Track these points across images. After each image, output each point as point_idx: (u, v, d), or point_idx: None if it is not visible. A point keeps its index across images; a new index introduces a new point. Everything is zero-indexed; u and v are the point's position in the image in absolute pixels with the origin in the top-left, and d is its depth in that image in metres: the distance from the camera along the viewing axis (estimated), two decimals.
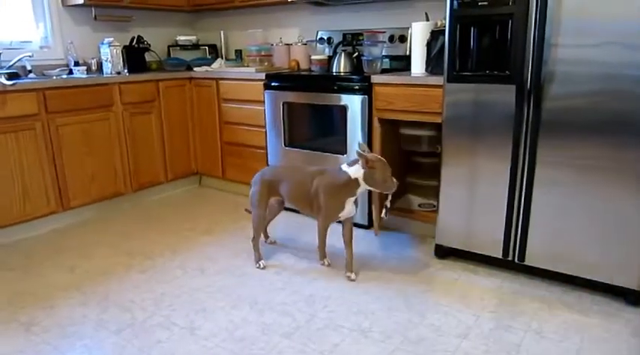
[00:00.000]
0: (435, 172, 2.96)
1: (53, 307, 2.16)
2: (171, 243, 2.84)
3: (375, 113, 2.81)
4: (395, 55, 3.21)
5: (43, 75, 3.31)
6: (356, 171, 2.21)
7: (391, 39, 3.20)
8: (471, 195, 2.38)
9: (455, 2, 2.16)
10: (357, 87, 2.83)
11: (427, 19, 2.79)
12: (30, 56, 3.24)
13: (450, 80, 2.30)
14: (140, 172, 3.51)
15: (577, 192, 2.08)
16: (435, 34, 2.60)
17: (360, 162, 2.19)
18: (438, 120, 2.51)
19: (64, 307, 2.16)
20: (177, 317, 2.06)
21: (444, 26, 2.26)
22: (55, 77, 3.18)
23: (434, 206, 2.85)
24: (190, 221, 3.21)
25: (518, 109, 2.14)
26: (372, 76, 2.78)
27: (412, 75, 2.70)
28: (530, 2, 2.00)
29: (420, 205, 2.95)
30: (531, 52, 2.05)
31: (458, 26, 2.19)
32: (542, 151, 2.13)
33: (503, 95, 2.17)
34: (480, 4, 2.09)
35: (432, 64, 2.66)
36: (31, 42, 3.46)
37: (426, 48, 2.69)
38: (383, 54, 3.08)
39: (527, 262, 2.29)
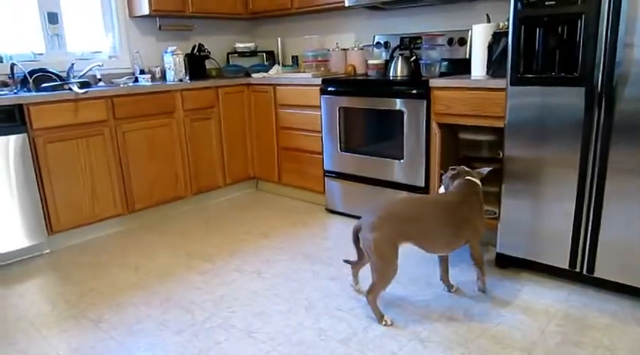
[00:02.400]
0: (495, 178, 2.87)
1: (119, 305, 2.26)
2: (229, 246, 2.90)
3: (434, 117, 2.76)
4: (454, 58, 3.15)
5: (112, 83, 3.48)
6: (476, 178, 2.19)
7: (450, 42, 3.13)
8: (535, 203, 2.28)
9: (519, 3, 2.09)
10: (414, 91, 2.79)
11: (488, 21, 2.72)
12: (100, 66, 3.42)
13: (513, 83, 2.22)
14: (199, 176, 3.61)
15: None
16: (498, 36, 2.52)
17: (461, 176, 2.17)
18: (500, 124, 2.43)
19: (129, 305, 2.25)
20: (236, 320, 2.10)
21: (507, 28, 2.19)
22: (122, 85, 3.33)
23: (494, 213, 2.75)
24: (247, 224, 3.26)
25: (588, 113, 2.03)
26: (431, 80, 2.73)
27: (472, 78, 2.64)
28: (602, 0, 1.90)
29: None
30: (603, 53, 1.94)
31: (522, 27, 2.11)
32: (614, 157, 2.01)
33: (571, 98, 2.07)
34: (546, 3, 2.01)
35: (494, 66, 2.58)
36: (100, 52, 3.65)
37: (487, 50, 2.62)
38: (441, 57, 3.02)
39: (596, 274, 2.17)
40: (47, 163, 2.79)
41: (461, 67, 3.09)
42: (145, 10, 3.53)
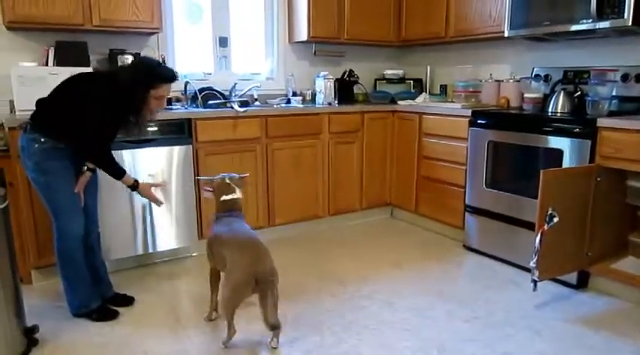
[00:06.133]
0: None
1: (249, 320, 2.35)
2: (362, 271, 2.89)
3: (599, 160, 2.49)
4: (627, 96, 2.82)
5: (266, 103, 3.72)
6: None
7: (625, 78, 2.82)
8: None
9: None
10: (577, 130, 2.56)
11: None
12: (258, 86, 3.68)
13: None
14: (338, 198, 3.68)
15: None
16: None
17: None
18: None
19: (257, 319, 2.33)
20: (364, 348, 2.07)
21: None
22: (275, 106, 3.54)
23: None
24: (380, 251, 3.23)
25: None
26: (599, 119, 2.48)
27: None
28: None
29: None
30: None
31: None
32: None
33: None
34: None
35: None
36: (259, 74, 3.93)
37: None
38: (612, 94, 2.73)
39: None
40: (205, 174, 3.04)
41: (635, 106, 2.76)
42: (304, 37, 3.73)
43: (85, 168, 2.21)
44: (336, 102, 3.78)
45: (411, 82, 4.29)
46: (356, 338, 2.15)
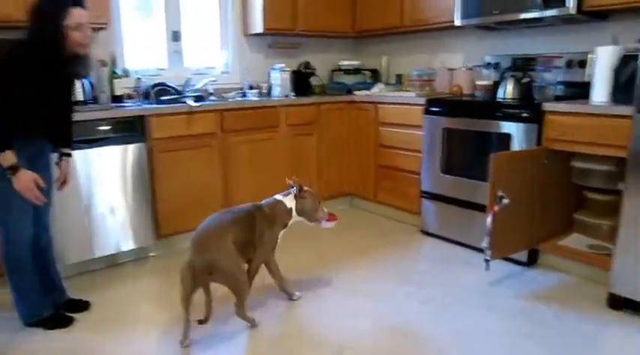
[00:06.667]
0: (609, 210, 2.63)
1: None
2: (323, 261, 2.92)
3: (545, 143, 2.59)
4: (571, 81, 2.93)
5: (222, 97, 3.68)
6: (290, 202, 2.30)
7: (569, 64, 2.92)
8: None
9: None
10: (525, 115, 2.65)
11: (615, 43, 2.50)
12: (213, 81, 3.64)
13: None
14: None
15: None
16: (626, 59, 2.31)
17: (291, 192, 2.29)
18: (621, 154, 2.23)
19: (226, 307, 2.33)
20: (323, 336, 2.10)
21: (637, 50, 2.00)
22: (231, 100, 3.51)
23: (607, 248, 2.51)
24: (341, 240, 3.27)
25: None
26: (545, 104, 2.57)
27: (593, 103, 2.44)
28: None
29: (589, 246, 2.63)
30: None
31: None
32: None
33: None
34: None
35: (619, 92, 2.36)
36: (214, 68, 3.88)
37: (612, 74, 2.41)
38: (557, 80, 2.83)
39: None
40: (160, 172, 3.00)
41: (578, 91, 2.87)
42: (259, 29, 3.71)
43: (59, 156, 2.19)
44: (293, 94, 3.78)
45: (368, 72, 4.33)
46: (318, 325, 2.18)
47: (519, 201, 2.52)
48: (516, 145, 2.69)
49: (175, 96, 3.31)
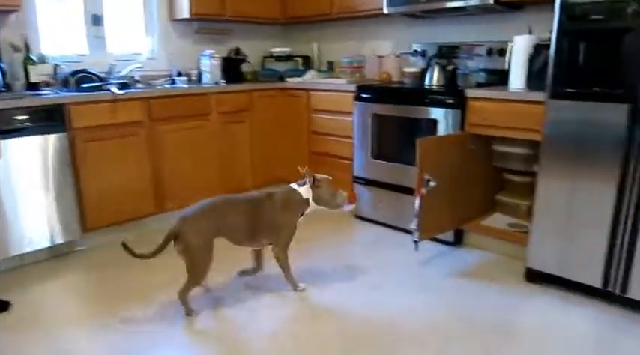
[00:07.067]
0: (527, 191, 2.82)
1: (150, 302, 2.29)
2: None
3: (468, 128, 2.72)
4: (492, 68, 3.09)
5: (149, 85, 3.55)
6: (306, 192, 2.31)
7: (489, 52, 3.07)
8: (568, 218, 2.22)
9: (564, 16, 2.03)
10: (450, 100, 2.76)
11: (530, 33, 2.65)
12: (139, 67, 3.50)
13: (553, 96, 2.17)
14: (230, 178, 3.65)
15: None
16: (539, 49, 2.46)
17: (307, 182, 2.31)
18: (536, 137, 2.38)
19: (164, 299, 2.28)
20: (254, 324, 2.11)
21: (549, 40, 2.13)
22: (158, 87, 3.40)
23: (525, 227, 2.69)
24: None
25: (630, 131, 1.97)
26: (467, 90, 2.69)
27: (510, 90, 2.59)
28: None
29: (509, 225, 2.81)
30: None
31: (565, 40, 2.06)
32: None
33: (613, 115, 2.01)
34: (592, 18, 1.95)
35: (534, 79, 2.52)
36: (140, 54, 3.73)
37: (527, 62, 2.56)
38: (479, 67, 2.97)
39: (631, 295, 2.10)
40: (84, 162, 2.86)
41: (498, 78, 3.03)
42: (186, 14, 3.60)
43: None
44: (224, 81, 3.71)
45: (299, 59, 4.33)
46: (247, 310, 2.19)
47: (445, 184, 2.64)
48: (442, 130, 2.81)
49: (98, 84, 3.16)
